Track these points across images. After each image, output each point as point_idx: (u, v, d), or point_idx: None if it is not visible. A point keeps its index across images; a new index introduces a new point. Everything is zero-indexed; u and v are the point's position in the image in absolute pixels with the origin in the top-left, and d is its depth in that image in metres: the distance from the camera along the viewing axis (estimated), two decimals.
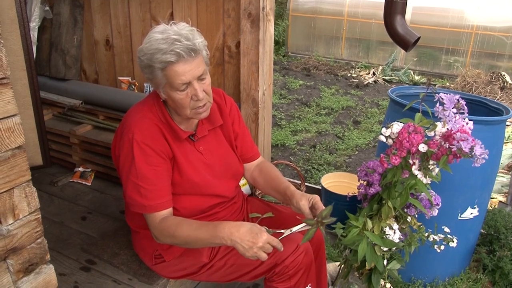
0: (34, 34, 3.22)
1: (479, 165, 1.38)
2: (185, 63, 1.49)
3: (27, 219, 1.16)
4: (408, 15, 8.27)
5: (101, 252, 2.10)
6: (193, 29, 1.54)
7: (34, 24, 3.19)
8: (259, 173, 1.94)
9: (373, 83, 7.89)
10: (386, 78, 8.13)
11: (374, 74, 8.24)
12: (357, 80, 7.92)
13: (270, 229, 1.53)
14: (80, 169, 2.98)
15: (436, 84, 7.83)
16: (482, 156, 1.34)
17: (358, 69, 8.74)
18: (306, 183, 3.19)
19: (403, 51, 2.63)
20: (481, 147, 1.33)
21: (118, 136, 1.69)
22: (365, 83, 7.76)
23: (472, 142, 1.34)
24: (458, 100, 1.45)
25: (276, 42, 10.07)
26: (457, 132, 1.37)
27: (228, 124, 1.84)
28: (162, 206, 1.61)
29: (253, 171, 1.97)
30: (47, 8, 3.23)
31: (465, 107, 1.47)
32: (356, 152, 4.81)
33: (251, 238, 1.45)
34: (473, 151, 1.33)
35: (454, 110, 1.45)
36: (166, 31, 1.50)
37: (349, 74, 8.40)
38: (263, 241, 1.45)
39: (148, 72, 1.55)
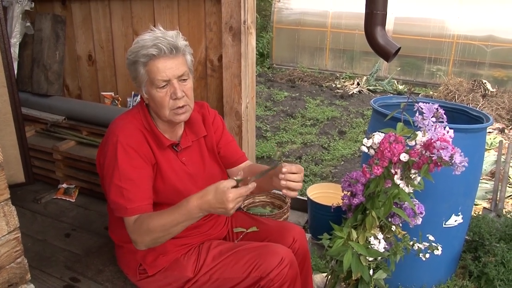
0: (15, 50, 3.20)
1: (459, 173, 1.39)
2: (166, 59, 1.57)
3: (6, 238, 1.14)
4: (390, 26, 8.38)
5: (85, 269, 2.07)
6: (178, 33, 1.64)
7: (15, 40, 3.17)
8: (248, 173, 1.84)
9: (358, 93, 7.95)
10: (371, 88, 8.20)
11: (358, 84, 8.31)
12: (342, 91, 7.98)
13: (238, 177, 1.49)
14: (64, 185, 2.94)
15: (419, 93, 7.93)
16: (462, 164, 1.35)
17: (343, 80, 8.80)
18: None
19: None
20: (460, 155, 1.35)
21: (102, 144, 1.71)
22: (349, 93, 7.81)
23: (451, 151, 1.35)
24: (437, 109, 1.47)
25: (261, 54, 10.12)
26: (437, 141, 1.38)
27: (211, 133, 1.85)
28: (144, 208, 1.60)
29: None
30: (28, 24, 3.21)
31: (444, 115, 1.49)
32: (342, 162, 4.83)
33: (220, 205, 1.43)
34: (453, 159, 1.34)
35: (433, 119, 1.46)
36: (153, 32, 1.62)
37: (333, 85, 8.46)
38: (232, 202, 1.43)
39: (133, 70, 1.63)
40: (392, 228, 1.77)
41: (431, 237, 1.85)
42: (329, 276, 1.94)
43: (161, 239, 1.56)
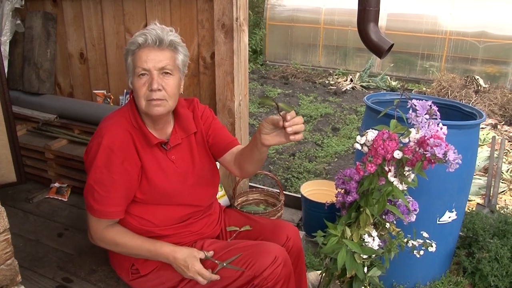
0: (5, 48, 3.16)
1: (453, 170, 1.39)
2: (151, 49, 1.58)
3: None
4: (383, 22, 8.39)
5: (78, 269, 2.05)
6: (172, 30, 1.65)
7: (5, 38, 3.13)
8: (239, 156, 1.81)
9: (351, 89, 7.95)
10: (364, 84, 8.20)
11: (351, 80, 8.31)
12: (335, 87, 7.98)
13: (208, 255, 1.68)
14: (56, 184, 2.92)
15: (412, 89, 7.94)
16: (456, 161, 1.35)
17: (336, 76, 8.81)
18: (285, 192, 3.17)
19: None
20: (454, 152, 1.34)
21: (90, 141, 1.69)
22: (343, 90, 7.81)
23: (445, 148, 1.35)
24: (430, 106, 1.46)
25: (254, 51, 10.10)
26: (431, 138, 1.38)
27: (201, 126, 1.83)
28: (112, 215, 1.63)
29: (235, 159, 1.83)
30: (18, 21, 3.18)
31: (438, 112, 1.49)
32: (336, 159, 4.83)
33: (183, 267, 1.63)
34: (446, 157, 1.34)
35: (427, 116, 1.46)
36: (152, 25, 1.64)
37: (327, 81, 8.45)
38: (193, 271, 1.62)
39: (125, 61, 1.64)
40: (386, 226, 1.77)
41: (425, 234, 1.85)
42: (323, 274, 1.93)
43: (114, 251, 1.74)
